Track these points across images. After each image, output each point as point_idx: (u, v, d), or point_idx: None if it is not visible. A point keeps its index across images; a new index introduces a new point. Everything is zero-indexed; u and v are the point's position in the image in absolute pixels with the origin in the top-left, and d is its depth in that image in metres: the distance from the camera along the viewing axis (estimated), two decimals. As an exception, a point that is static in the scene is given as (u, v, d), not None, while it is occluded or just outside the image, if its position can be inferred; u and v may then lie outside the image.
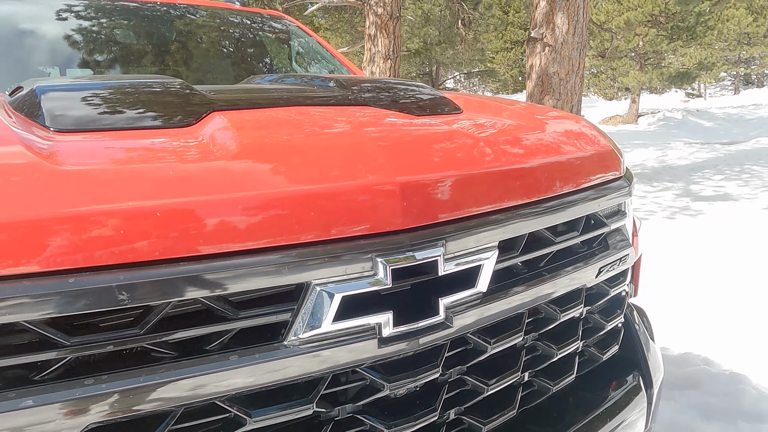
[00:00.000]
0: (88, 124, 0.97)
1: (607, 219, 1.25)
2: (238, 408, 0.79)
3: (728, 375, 2.81)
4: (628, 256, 1.29)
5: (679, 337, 3.32)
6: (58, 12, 2.32)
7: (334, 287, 0.81)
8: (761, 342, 3.21)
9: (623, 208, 1.33)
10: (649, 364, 1.40)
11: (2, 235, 0.66)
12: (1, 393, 0.67)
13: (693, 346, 3.20)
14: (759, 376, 2.83)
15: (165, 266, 0.72)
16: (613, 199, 1.23)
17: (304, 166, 0.86)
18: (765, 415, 2.47)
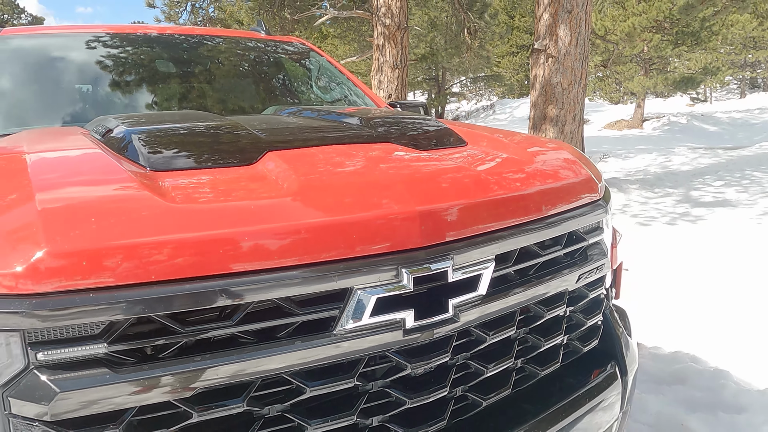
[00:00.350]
0: (177, 164, 1.25)
1: (586, 235, 1.52)
2: (300, 380, 1.07)
3: (713, 371, 3.06)
4: (604, 265, 1.56)
5: (669, 336, 3.57)
6: (109, 47, 2.62)
7: (371, 291, 1.09)
8: (747, 341, 3.46)
9: (601, 225, 1.59)
10: (625, 357, 1.66)
11: (142, 252, 0.94)
12: (137, 366, 0.95)
13: (682, 345, 3.45)
14: (741, 372, 3.08)
15: (250, 276, 1.00)
16: (590, 218, 1.50)
17: (346, 199, 1.14)
18: (743, 407, 2.71)
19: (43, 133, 1.85)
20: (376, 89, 10.49)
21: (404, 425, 1.19)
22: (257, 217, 1.05)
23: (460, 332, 1.24)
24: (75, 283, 0.92)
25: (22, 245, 0.93)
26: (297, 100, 3.00)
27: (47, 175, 1.19)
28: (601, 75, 26.87)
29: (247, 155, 1.32)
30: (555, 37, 7.93)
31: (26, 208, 1.01)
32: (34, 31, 2.79)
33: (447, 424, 1.25)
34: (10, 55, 2.48)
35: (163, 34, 2.89)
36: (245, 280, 1.00)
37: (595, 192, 1.57)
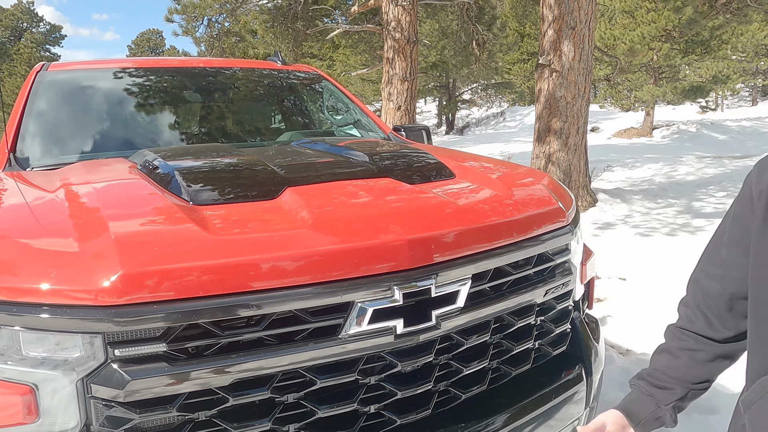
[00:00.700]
0: (213, 198, 1.55)
1: (554, 255, 1.80)
2: (312, 374, 1.36)
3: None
4: (570, 282, 1.84)
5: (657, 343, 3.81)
6: (142, 78, 2.94)
7: (369, 303, 1.37)
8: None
9: (568, 247, 1.86)
10: (592, 360, 1.93)
11: (190, 273, 1.23)
12: (188, 361, 1.24)
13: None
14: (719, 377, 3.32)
15: (274, 292, 1.29)
16: (557, 241, 1.78)
17: (350, 229, 1.43)
18: (716, 408, 2.96)
19: (96, 165, 2.16)
20: (386, 101, 10.79)
21: (395, 413, 1.48)
22: (279, 245, 1.34)
23: (442, 337, 1.52)
24: (142, 297, 1.21)
25: (103, 267, 1.23)
26: (311, 123, 3.30)
27: (114, 209, 1.49)
28: (613, 82, 27.04)
29: (270, 190, 1.62)
30: (559, 52, 8.18)
31: (103, 237, 1.31)
32: (76, 66, 3.12)
33: (431, 413, 1.53)
34: (56, 90, 2.80)
35: (190, 67, 3.21)
36: (270, 296, 1.29)
37: (563, 219, 1.85)
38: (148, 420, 1.26)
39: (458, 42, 14.28)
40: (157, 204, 1.54)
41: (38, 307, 1.22)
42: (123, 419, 1.24)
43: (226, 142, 2.89)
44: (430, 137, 3.51)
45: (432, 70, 25.22)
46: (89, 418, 1.24)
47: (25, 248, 1.36)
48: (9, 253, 1.35)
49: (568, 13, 8.12)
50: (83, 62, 3.27)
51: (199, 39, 13.38)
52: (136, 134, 2.74)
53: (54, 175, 2.00)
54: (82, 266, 1.25)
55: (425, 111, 46.85)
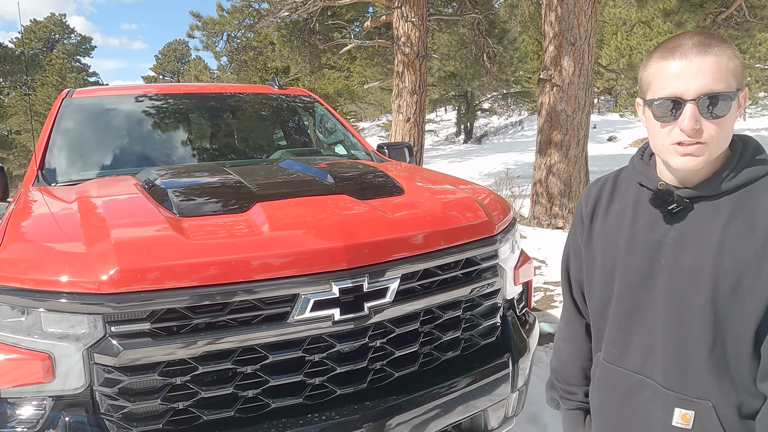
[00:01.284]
0: (195, 211, 1.94)
1: (481, 260, 2.14)
2: (266, 351, 1.73)
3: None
4: (496, 282, 2.18)
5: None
6: (154, 102, 3.38)
7: (311, 295, 1.74)
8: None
9: (496, 254, 2.21)
10: (519, 350, 2.27)
11: (169, 270, 1.62)
12: (167, 337, 1.63)
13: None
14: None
15: (236, 285, 1.67)
16: (483, 249, 2.13)
17: (300, 237, 1.80)
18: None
19: (107, 182, 2.58)
20: (396, 113, 11.19)
21: (336, 385, 1.84)
22: (241, 249, 1.73)
23: (375, 324, 1.88)
24: (132, 287, 1.60)
25: (103, 264, 1.62)
26: (301, 142, 3.70)
27: (116, 219, 1.89)
28: (634, 91, 27.03)
29: (242, 205, 2.01)
30: (559, 67, 8.48)
31: (105, 242, 1.71)
32: (96, 92, 3.57)
33: (367, 386, 1.89)
34: (79, 114, 3.25)
35: (194, 93, 3.64)
36: (233, 288, 1.67)
37: (491, 231, 2.19)
38: (136, 382, 1.65)
39: (470, 54, 14.62)
40: (150, 216, 1.93)
41: (56, 294, 1.61)
42: (117, 380, 1.63)
43: (224, 160, 3.30)
44: (412, 154, 3.88)
45: (450, 79, 25.54)
46: (92, 380, 1.64)
47: (47, 250, 1.77)
48: (35, 254, 1.76)
49: (568, 29, 8.42)
50: (103, 88, 3.72)
51: (219, 53, 13.99)
52: (144, 153, 3.16)
53: (72, 190, 2.42)
54: (88, 264, 1.65)
55: (445, 119, 47.16)
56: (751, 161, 1.13)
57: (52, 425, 1.64)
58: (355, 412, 1.83)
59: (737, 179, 1.12)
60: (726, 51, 1.08)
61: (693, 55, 1.08)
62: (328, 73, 20.19)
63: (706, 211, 1.14)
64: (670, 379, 1.17)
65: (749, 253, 1.07)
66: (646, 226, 1.22)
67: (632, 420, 1.26)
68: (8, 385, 1.63)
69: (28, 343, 1.63)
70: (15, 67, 28.79)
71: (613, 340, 1.28)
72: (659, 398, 1.19)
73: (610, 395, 1.30)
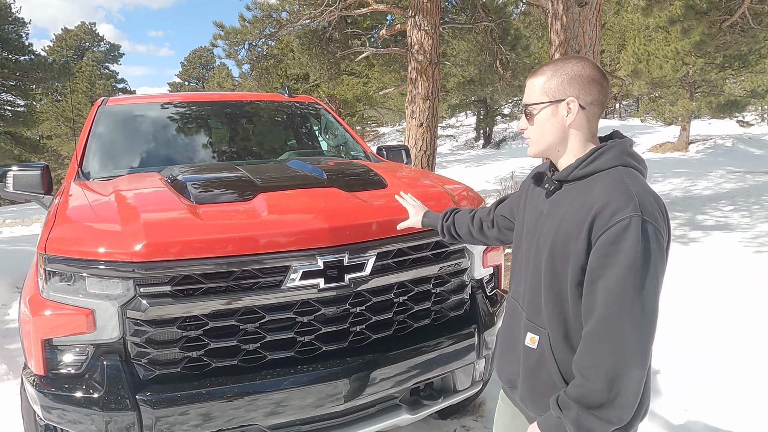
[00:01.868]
0: (208, 199, 2.36)
1: (447, 244, 2.52)
2: (263, 311, 2.13)
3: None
4: (463, 263, 2.55)
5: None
6: (177, 108, 3.83)
7: (301, 266, 2.14)
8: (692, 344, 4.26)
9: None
10: (485, 322, 2.64)
11: (185, 244, 2.03)
12: (183, 297, 2.04)
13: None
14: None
15: (239, 257, 2.07)
16: (451, 234, 2.50)
17: (295, 220, 2.21)
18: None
19: (137, 177, 3.02)
20: (410, 118, 11.58)
21: (322, 342, 2.24)
22: (246, 229, 2.14)
23: (355, 293, 2.27)
24: (156, 257, 2.02)
25: (134, 239, 2.04)
26: (307, 145, 4.13)
27: (144, 206, 2.32)
28: (656, 95, 27.02)
29: (247, 195, 2.42)
30: (565, 74, 8.78)
31: (136, 222, 2.13)
32: (127, 100, 4.04)
33: (348, 345, 2.28)
34: (112, 119, 3.71)
35: (212, 101, 4.10)
36: (237, 260, 2.07)
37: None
38: (159, 333, 2.06)
39: (483, 61, 14.96)
40: (172, 203, 2.36)
41: (97, 262, 2.04)
42: (144, 332, 2.05)
43: (238, 160, 3.72)
44: (409, 156, 4.27)
45: (469, 85, 25.85)
46: (124, 331, 2.06)
47: (90, 229, 2.20)
48: (81, 232, 2.20)
49: (573, 38, 8.72)
50: (132, 97, 4.20)
51: (241, 61, 14.56)
52: (167, 153, 3.61)
53: (108, 184, 2.86)
54: (123, 239, 2.07)
55: (465, 124, 47.37)
56: (598, 158, 1.48)
57: (93, 367, 2.07)
58: (337, 365, 2.22)
59: (585, 170, 1.47)
60: (543, 77, 1.51)
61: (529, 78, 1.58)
62: (347, 79, 20.67)
63: (565, 192, 1.51)
64: (529, 310, 1.56)
65: (575, 224, 1.41)
66: (537, 199, 1.62)
67: (511, 338, 1.66)
68: (60, 334, 2.07)
69: (75, 302, 2.06)
70: (47, 74, 29.91)
71: (512, 277, 1.71)
72: (522, 324, 1.59)
73: (507, 320, 1.72)
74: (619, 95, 19.04)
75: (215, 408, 2.06)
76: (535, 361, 1.52)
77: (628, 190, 1.36)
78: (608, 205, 1.34)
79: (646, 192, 1.38)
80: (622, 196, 1.35)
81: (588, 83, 1.47)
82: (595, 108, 1.50)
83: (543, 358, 1.51)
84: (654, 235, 1.31)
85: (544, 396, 1.49)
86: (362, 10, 12.34)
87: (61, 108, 39.80)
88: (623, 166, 1.45)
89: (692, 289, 5.54)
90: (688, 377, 3.63)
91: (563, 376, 1.47)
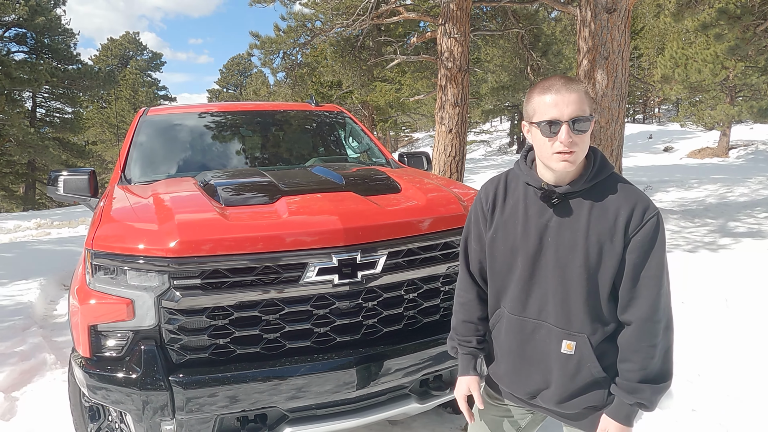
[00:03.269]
0: (236, 202, 2.60)
1: (457, 245, 2.69)
2: (282, 303, 2.35)
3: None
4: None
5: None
6: (212, 117, 4.11)
7: (317, 263, 2.35)
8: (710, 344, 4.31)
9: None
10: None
11: (214, 242, 2.27)
12: (212, 289, 2.28)
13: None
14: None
15: (261, 255, 2.30)
16: (459, 236, 2.67)
17: (313, 221, 2.42)
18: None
19: (173, 181, 3.29)
20: (439, 124, 11.74)
21: (336, 334, 2.44)
22: (268, 229, 2.36)
23: (367, 289, 2.47)
24: (188, 254, 2.26)
25: (169, 237, 2.29)
26: (331, 151, 4.36)
27: (179, 208, 2.57)
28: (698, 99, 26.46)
29: (271, 199, 2.64)
30: (593, 80, 8.82)
31: (171, 222, 2.38)
32: (166, 110, 4.35)
33: (361, 337, 2.48)
34: (152, 128, 4.02)
35: (244, 110, 4.38)
36: (260, 256, 2.30)
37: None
38: (190, 321, 2.30)
39: (515, 67, 15.02)
40: (203, 205, 2.60)
41: (137, 257, 2.29)
42: (177, 320, 2.29)
43: (268, 166, 3.98)
44: (430, 162, 4.45)
45: (502, 90, 25.86)
46: (160, 319, 2.30)
47: (131, 228, 2.46)
48: (123, 230, 2.46)
49: (601, 44, 8.77)
50: (170, 107, 4.52)
51: (276, 69, 15.00)
52: (201, 159, 3.89)
53: (147, 188, 3.14)
54: (159, 237, 2.32)
55: (500, 130, 47.23)
56: (599, 167, 1.65)
57: (132, 351, 2.32)
58: (350, 355, 2.42)
59: (593, 179, 1.63)
60: (582, 88, 1.60)
61: (564, 91, 1.61)
62: (379, 86, 20.98)
63: (576, 202, 1.65)
64: (560, 320, 1.68)
65: (606, 229, 1.58)
66: (535, 214, 1.70)
67: (534, 353, 1.76)
68: (104, 321, 2.32)
69: (117, 292, 2.32)
70: (93, 82, 31.21)
71: (516, 297, 1.76)
72: (552, 335, 1.69)
73: (516, 337, 1.78)
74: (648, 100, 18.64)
75: (239, 390, 2.28)
76: (575, 365, 1.66)
77: (640, 191, 1.63)
78: (637, 207, 1.58)
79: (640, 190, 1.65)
80: (640, 197, 1.60)
81: (589, 98, 1.62)
82: None
83: (582, 360, 1.65)
84: (663, 228, 1.58)
85: (584, 393, 1.68)
86: (393, 19, 12.59)
87: (106, 115, 41.37)
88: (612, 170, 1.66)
89: (709, 294, 5.55)
90: (694, 378, 3.70)
91: (605, 370, 1.65)
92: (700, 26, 9.71)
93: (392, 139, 42.12)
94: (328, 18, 13.09)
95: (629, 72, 9.47)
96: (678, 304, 5.43)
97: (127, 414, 2.33)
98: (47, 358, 4.38)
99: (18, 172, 32.01)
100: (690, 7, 8.72)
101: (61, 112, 34.01)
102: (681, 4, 8.81)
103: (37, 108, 33.24)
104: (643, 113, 40.39)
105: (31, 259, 8.31)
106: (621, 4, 8.65)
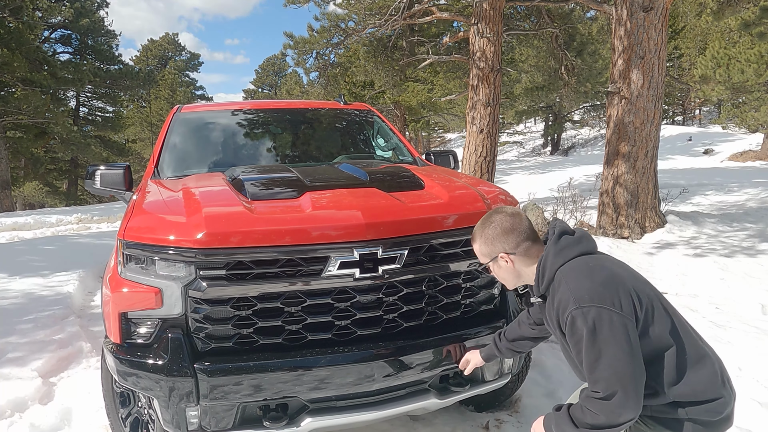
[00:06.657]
0: (262, 197, 2.66)
1: (479, 242, 2.70)
2: (305, 296, 2.40)
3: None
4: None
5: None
6: (243, 115, 4.20)
7: (339, 257, 2.39)
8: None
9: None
10: (512, 317, 2.79)
11: (241, 234, 2.33)
12: (237, 280, 2.34)
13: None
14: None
15: (286, 247, 2.35)
16: (481, 233, 2.68)
17: (336, 216, 2.46)
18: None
19: (203, 176, 3.38)
20: (470, 125, 11.70)
21: (357, 327, 2.48)
22: (293, 223, 2.41)
23: (388, 284, 2.50)
24: (215, 245, 2.33)
25: (196, 229, 2.36)
26: (359, 149, 4.41)
27: (207, 201, 2.65)
28: (742, 100, 25.63)
29: (296, 194, 2.70)
30: (628, 80, 8.66)
31: (198, 214, 2.45)
32: (198, 108, 4.47)
33: (381, 331, 2.51)
34: (185, 125, 4.13)
35: (275, 108, 4.46)
36: (283, 249, 2.35)
37: (490, 218, 2.74)
38: (215, 311, 2.37)
39: (550, 68, 14.83)
40: (231, 199, 2.67)
41: (166, 248, 2.37)
42: (203, 308, 2.36)
43: (297, 162, 4.04)
44: (457, 161, 4.46)
45: (536, 91, 25.56)
46: (186, 308, 2.38)
47: (161, 219, 2.55)
48: (153, 222, 2.55)
49: (637, 43, 8.60)
50: (202, 105, 4.64)
51: (309, 69, 15.17)
52: (231, 156, 3.99)
53: (178, 182, 3.24)
54: (187, 229, 2.39)
55: (534, 131, 46.65)
56: (543, 277, 1.91)
57: (159, 338, 2.40)
58: (370, 349, 2.45)
59: (542, 288, 1.93)
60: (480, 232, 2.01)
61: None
62: (411, 86, 20.98)
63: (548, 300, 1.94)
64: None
65: (554, 317, 1.88)
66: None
67: None
68: (134, 309, 2.41)
69: (147, 281, 2.40)
70: (133, 82, 32.11)
71: None
72: None
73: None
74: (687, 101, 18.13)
75: (262, 379, 2.34)
76: None
77: (569, 289, 1.79)
78: (560, 307, 1.82)
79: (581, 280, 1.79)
80: (564, 296, 1.79)
81: (503, 236, 1.95)
82: (522, 245, 1.95)
83: None
84: (597, 314, 1.70)
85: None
86: (426, 19, 12.59)
87: (145, 114, 42.43)
88: (562, 265, 1.86)
89: (745, 299, 5.40)
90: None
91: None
92: (742, 25, 9.39)
93: (424, 139, 42.05)
94: (360, 18, 13.17)
95: (666, 72, 9.26)
96: (712, 309, 5.31)
97: (154, 400, 2.42)
98: (83, 346, 4.54)
99: (61, 169, 33.17)
100: (731, 5, 8.44)
101: (102, 111, 35.08)
102: (722, 2, 8.52)
103: (80, 107, 34.36)
104: (683, 115, 39.34)
105: (72, 252, 8.61)
106: (658, 2, 8.46)
